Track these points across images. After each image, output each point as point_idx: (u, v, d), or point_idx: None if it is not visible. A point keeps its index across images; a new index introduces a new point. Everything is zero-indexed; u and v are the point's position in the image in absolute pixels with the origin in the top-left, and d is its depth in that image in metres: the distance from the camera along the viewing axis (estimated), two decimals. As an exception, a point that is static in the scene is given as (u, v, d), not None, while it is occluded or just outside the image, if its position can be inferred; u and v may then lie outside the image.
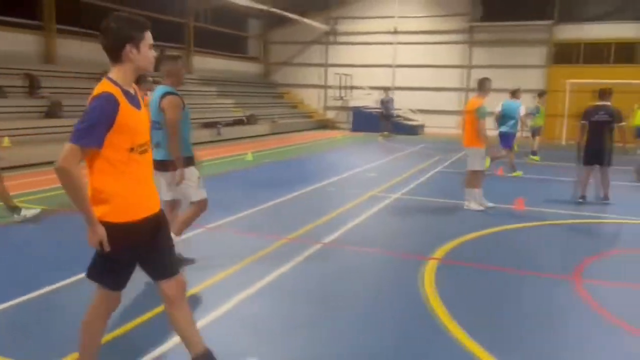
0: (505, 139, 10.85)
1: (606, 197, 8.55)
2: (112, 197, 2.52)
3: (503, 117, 10.83)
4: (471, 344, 3.56)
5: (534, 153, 14.01)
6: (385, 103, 20.76)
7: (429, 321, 3.95)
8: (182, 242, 5.03)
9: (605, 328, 4.01)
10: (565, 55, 22.35)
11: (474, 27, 23.42)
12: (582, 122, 8.58)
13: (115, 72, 2.56)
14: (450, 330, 3.79)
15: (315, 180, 9.93)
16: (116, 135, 2.45)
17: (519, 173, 11.15)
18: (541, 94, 15.22)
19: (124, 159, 2.52)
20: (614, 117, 8.35)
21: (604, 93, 8.65)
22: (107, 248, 2.50)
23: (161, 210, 2.79)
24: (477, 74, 22.83)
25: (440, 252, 5.68)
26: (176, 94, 4.72)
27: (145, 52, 2.58)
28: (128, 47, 2.52)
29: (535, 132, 14.09)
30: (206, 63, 23.25)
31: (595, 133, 8.37)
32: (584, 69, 21.27)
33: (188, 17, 22.14)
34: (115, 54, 2.54)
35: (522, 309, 4.30)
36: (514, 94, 11.12)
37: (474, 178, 7.85)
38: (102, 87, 2.50)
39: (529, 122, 13.07)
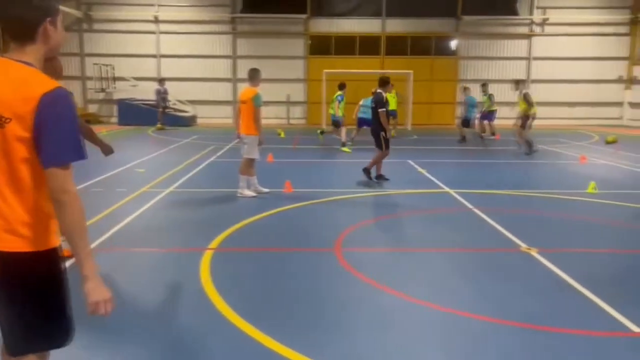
0: (365, 122, 13.35)
1: (378, 177, 9.37)
2: (53, 220, 1.99)
3: (363, 107, 13.88)
4: (250, 329, 3.69)
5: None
6: (162, 94, 19.98)
7: (210, 312, 3.96)
8: None
9: (361, 288, 4.55)
10: (321, 47, 24.38)
11: (236, 19, 23.94)
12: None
13: (30, 55, 1.94)
14: (228, 317, 3.86)
15: (77, 181, 9.04)
16: None
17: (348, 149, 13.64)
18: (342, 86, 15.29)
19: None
20: (377, 103, 9.20)
21: (379, 82, 9.45)
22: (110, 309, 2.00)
23: None
24: (243, 65, 23.65)
25: (215, 242, 5.73)
26: None
27: (62, 30, 2.03)
28: (48, 22, 1.94)
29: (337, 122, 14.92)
30: None
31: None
32: (337, 59, 23.56)
33: None
34: (31, 31, 1.92)
35: (291, 284, 4.60)
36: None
37: (249, 165, 8.08)
38: (43, 78, 1.89)
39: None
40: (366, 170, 9.31)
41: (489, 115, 16.78)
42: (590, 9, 24.04)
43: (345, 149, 13.94)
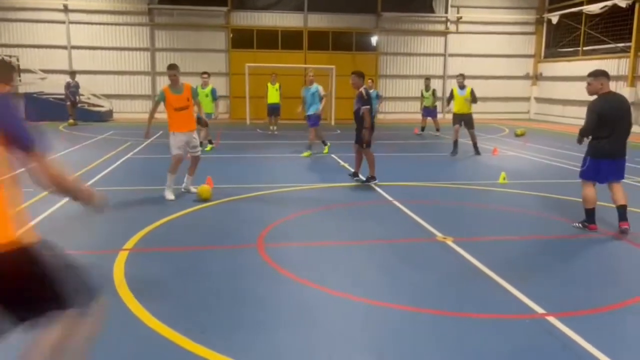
0: (314, 119, 12.34)
1: (370, 177, 8.81)
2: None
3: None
4: (167, 331, 3.56)
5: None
6: (72, 88, 18.87)
7: (125, 315, 3.78)
8: None
9: (283, 283, 4.56)
10: (243, 40, 24.02)
11: (153, 10, 23.07)
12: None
13: None
14: (143, 319, 3.71)
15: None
16: None
17: (309, 153, 12.19)
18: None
19: None
20: (360, 100, 8.60)
21: (358, 76, 8.75)
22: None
23: None
24: (162, 57, 22.87)
25: (131, 242, 5.50)
26: None
27: None
28: None
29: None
30: None
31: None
32: (259, 53, 23.35)
33: None
34: None
35: (211, 283, 4.51)
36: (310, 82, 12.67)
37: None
38: None
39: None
40: (371, 178, 8.80)
41: (432, 111, 17.24)
42: (501, 9, 25.36)
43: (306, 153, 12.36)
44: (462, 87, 12.80)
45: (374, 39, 24.84)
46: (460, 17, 25.25)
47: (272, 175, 9.62)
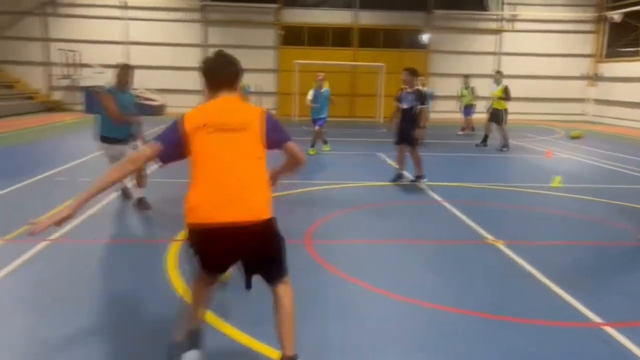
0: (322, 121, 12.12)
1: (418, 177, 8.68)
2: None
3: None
4: (216, 320, 3.64)
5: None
6: None
7: (177, 302, 3.89)
8: None
9: (327, 277, 4.58)
10: (293, 37, 24.20)
11: (206, 7, 23.54)
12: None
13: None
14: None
15: (39, 170, 8.79)
16: None
17: (328, 147, 12.47)
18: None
19: None
20: (419, 99, 8.47)
21: (410, 73, 8.57)
22: None
23: None
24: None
25: (182, 234, 5.63)
26: None
27: None
28: None
29: None
30: None
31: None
32: (309, 50, 23.45)
33: None
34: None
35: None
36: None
37: None
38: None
39: None
40: (419, 178, 8.67)
41: (469, 109, 16.94)
42: (558, 6, 24.53)
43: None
44: (497, 83, 13.58)
45: (424, 37, 24.50)
46: (516, 15, 24.56)
47: (319, 172, 9.64)
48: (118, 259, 5.06)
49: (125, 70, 6.70)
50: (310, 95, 12.18)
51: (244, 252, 2.82)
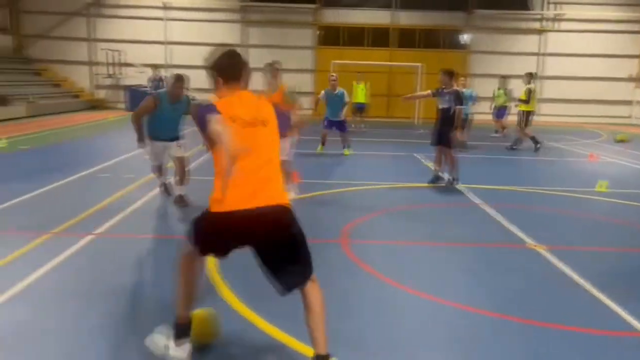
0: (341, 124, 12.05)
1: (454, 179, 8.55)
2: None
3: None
4: (251, 314, 3.68)
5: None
6: (154, 81, 19.93)
7: (214, 298, 3.95)
8: None
9: (364, 277, 4.57)
10: (330, 37, 24.23)
11: (246, 7, 23.81)
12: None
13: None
14: (235, 307, 3.85)
15: (84, 167, 9.07)
16: None
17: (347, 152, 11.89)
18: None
19: None
20: (456, 100, 8.33)
21: (447, 74, 8.46)
22: None
23: None
24: (254, 54, 23.52)
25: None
26: None
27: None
28: None
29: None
30: None
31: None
32: (345, 50, 23.43)
33: None
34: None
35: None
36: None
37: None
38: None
39: None
40: (454, 180, 8.55)
41: (502, 110, 16.61)
42: (604, 5, 23.76)
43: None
44: (527, 84, 13.59)
45: (464, 37, 24.13)
46: (559, 14, 23.93)
47: (354, 172, 9.62)
48: (158, 253, 5.17)
49: (177, 83, 6.66)
50: (321, 95, 12.15)
51: (265, 233, 2.86)
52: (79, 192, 7.55)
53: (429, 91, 8.86)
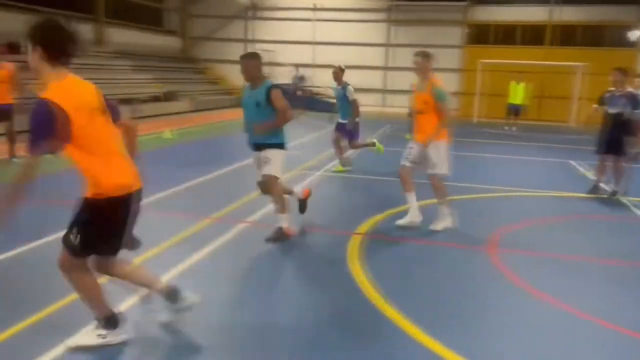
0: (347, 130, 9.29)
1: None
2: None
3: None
4: (400, 319, 3.67)
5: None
6: (296, 79, 20.71)
7: (359, 296, 4.02)
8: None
9: (509, 288, 4.34)
10: (479, 35, 23.28)
11: (393, 6, 23.79)
12: None
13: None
14: (377, 304, 3.88)
15: (237, 159, 9.75)
16: None
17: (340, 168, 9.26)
18: None
19: None
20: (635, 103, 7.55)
21: (622, 73, 7.72)
22: None
23: None
24: (398, 53, 23.48)
25: (364, 227, 5.79)
26: None
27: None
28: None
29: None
30: (120, 35, 21.97)
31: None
32: (496, 49, 22.34)
33: (98, -15, 20.79)
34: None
35: (437, 277, 4.49)
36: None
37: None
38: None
39: None
40: (617, 192, 7.80)
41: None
42: None
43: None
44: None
45: (633, 34, 21.67)
46: None
47: (505, 177, 9.13)
48: (299, 246, 5.37)
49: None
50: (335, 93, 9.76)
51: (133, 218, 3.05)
52: (233, 182, 8.14)
53: (594, 106, 8.04)
